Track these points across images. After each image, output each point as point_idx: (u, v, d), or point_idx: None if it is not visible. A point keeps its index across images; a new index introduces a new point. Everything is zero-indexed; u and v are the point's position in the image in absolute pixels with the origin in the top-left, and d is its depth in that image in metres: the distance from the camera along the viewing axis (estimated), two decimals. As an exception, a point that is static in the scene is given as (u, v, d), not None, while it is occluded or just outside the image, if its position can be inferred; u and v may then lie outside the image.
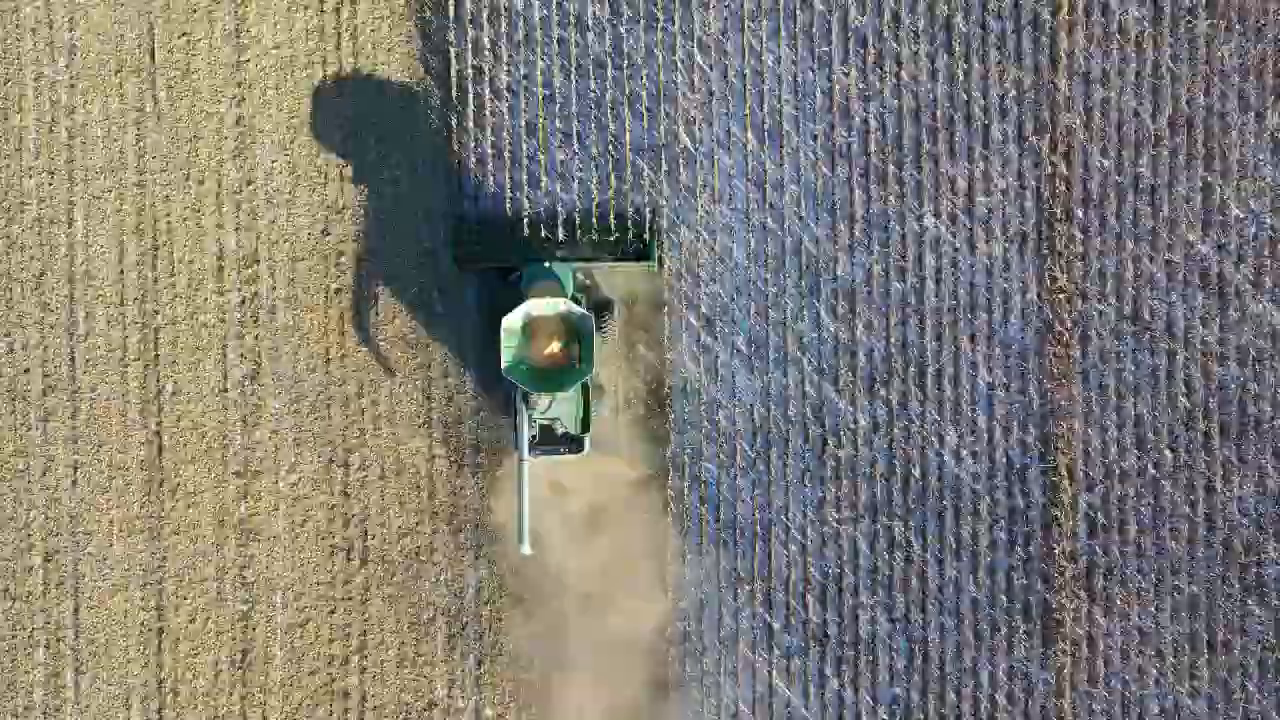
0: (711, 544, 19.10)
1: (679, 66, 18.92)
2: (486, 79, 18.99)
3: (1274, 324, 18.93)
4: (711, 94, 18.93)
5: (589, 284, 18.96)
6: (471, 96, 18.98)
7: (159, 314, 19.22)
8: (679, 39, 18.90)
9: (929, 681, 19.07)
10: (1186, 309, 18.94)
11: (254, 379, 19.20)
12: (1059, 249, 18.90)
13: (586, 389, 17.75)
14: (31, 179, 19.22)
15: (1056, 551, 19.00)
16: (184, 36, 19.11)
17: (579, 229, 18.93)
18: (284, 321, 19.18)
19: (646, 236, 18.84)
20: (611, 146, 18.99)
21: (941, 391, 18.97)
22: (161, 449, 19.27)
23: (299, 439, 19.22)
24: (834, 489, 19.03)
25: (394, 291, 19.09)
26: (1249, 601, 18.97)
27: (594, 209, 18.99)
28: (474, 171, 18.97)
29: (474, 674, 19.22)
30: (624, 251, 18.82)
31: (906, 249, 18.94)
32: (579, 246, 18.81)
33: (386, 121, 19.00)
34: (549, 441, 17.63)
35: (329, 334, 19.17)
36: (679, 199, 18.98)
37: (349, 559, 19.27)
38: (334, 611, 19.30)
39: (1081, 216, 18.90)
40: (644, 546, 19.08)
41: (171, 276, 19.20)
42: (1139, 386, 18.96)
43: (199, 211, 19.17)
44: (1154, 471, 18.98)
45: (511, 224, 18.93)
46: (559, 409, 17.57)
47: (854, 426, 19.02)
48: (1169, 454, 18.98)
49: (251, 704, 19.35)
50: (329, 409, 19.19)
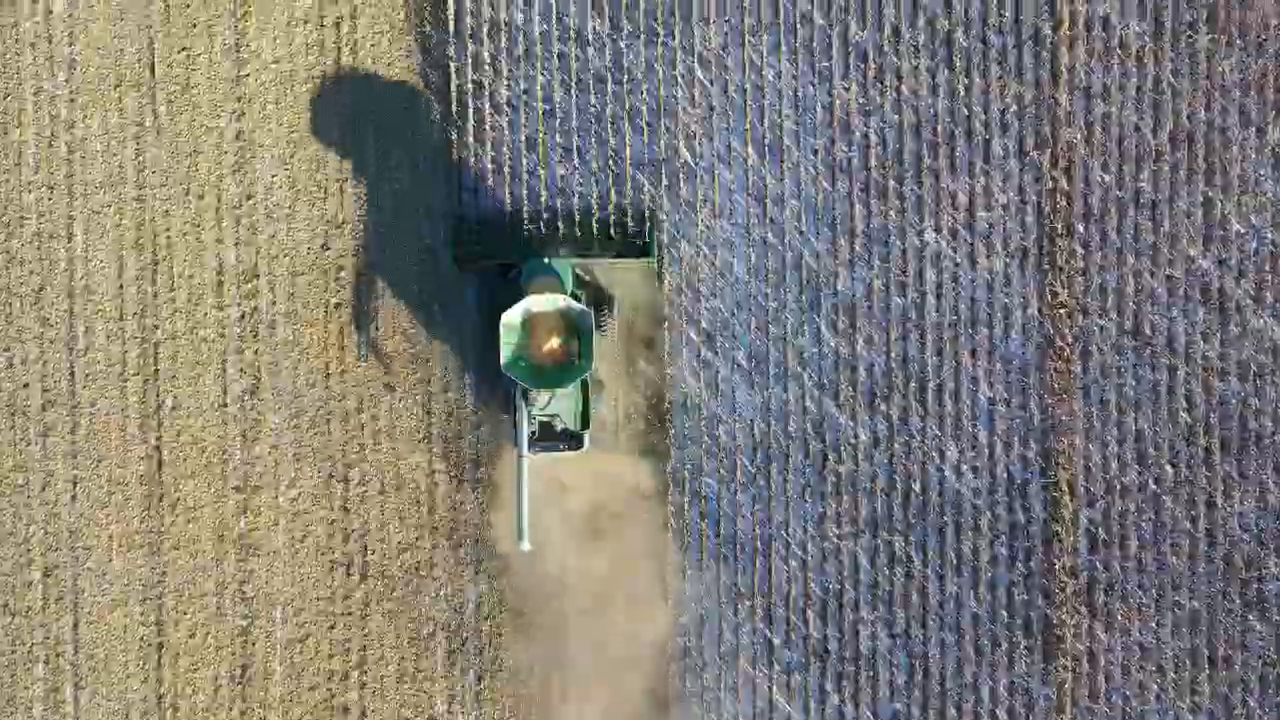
0: (712, 559, 19.07)
1: (679, 81, 18.89)
2: (486, 94, 18.97)
3: (1275, 339, 18.90)
4: (712, 109, 18.91)
5: (589, 280, 18.94)
6: (471, 111, 18.95)
7: (159, 329, 19.19)
8: (679, 54, 18.87)
9: (929, 697, 19.04)
10: (1187, 324, 18.92)
11: (254, 394, 19.17)
12: (1060, 264, 18.88)
13: (586, 385, 17.70)
14: (31, 194, 19.18)
15: (1057, 567, 18.97)
16: (184, 51, 19.07)
17: (578, 226, 18.88)
18: (284, 336, 19.15)
19: (646, 232, 18.82)
20: (612, 161, 18.96)
21: (942, 407, 18.94)
22: (161, 464, 19.23)
23: (299, 454, 19.19)
24: (834, 504, 19.00)
25: (394, 301, 19.06)
26: (1250, 617, 18.95)
27: (594, 209, 18.96)
28: (473, 188, 18.94)
29: (474, 689, 19.19)
30: (624, 248, 18.79)
31: (907, 264, 18.91)
32: (578, 243, 18.77)
33: (386, 137, 18.97)
34: (548, 438, 17.58)
35: (329, 349, 19.14)
36: (679, 214, 18.95)
37: (349, 574, 19.24)
38: (334, 627, 19.26)
39: (1082, 231, 18.87)
40: (644, 561, 19.05)
41: (171, 291, 19.17)
42: (1140, 402, 18.93)
43: (199, 226, 19.14)
44: (1155, 487, 18.95)
45: (511, 222, 18.88)
46: (558, 405, 17.50)
47: (854, 441, 18.99)
48: (1170, 469, 18.95)
49: (251, 719, 19.34)
50: (329, 424, 19.16)
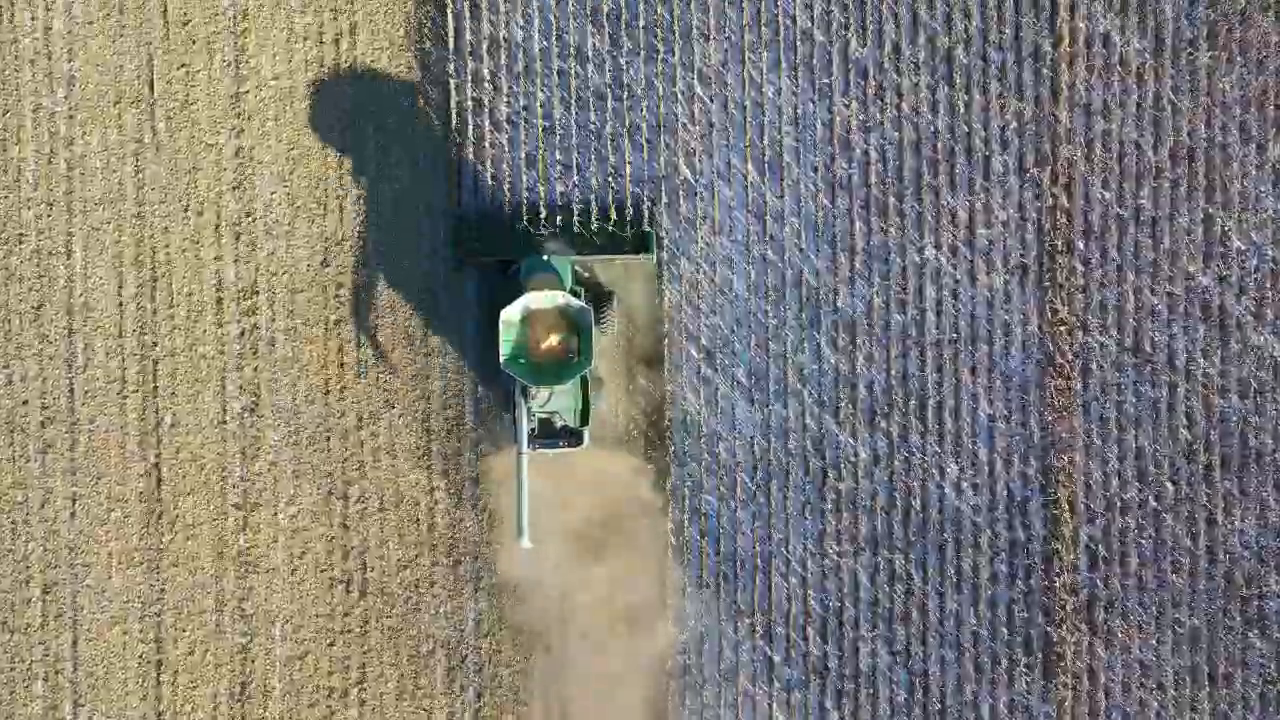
0: (712, 577, 19.04)
1: (679, 98, 18.87)
2: (486, 110, 18.94)
3: (1275, 356, 18.89)
4: (712, 126, 18.88)
5: (588, 277, 18.90)
6: (471, 128, 18.93)
7: (158, 346, 19.16)
8: (679, 71, 18.85)
9: (929, 715, 19.02)
10: (1188, 341, 18.90)
11: (253, 411, 19.14)
12: (1060, 281, 18.86)
13: (585, 382, 17.69)
14: (30, 210, 19.15)
15: (1057, 584, 18.95)
16: (183, 68, 19.05)
17: (578, 222, 18.84)
18: (283, 353, 19.12)
19: (644, 226, 18.77)
20: (611, 178, 18.94)
21: (942, 424, 18.92)
22: (160, 481, 19.21)
23: (298, 471, 19.16)
24: (834, 521, 18.98)
25: (394, 313, 19.04)
26: (1250, 634, 18.93)
27: (593, 203, 18.92)
28: (472, 204, 18.91)
29: (473, 707, 19.16)
30: (623, 244, 18.74)
31: (907, 281, 18.90)
32: (578, 240, 18.74)
33: (385, 153, 18.94)
34: (548, 435, 17.58)
35: (328, 365, 19.12)
36: (679, 230, 18.93)
37: (348, 591, 19.21)
38: (333, 644, 19.24)
39: (1082, 248, 18.85)
40: (644, 578, 19.02)
41: (170, 308, 19.14)
42: (1140, 419, 18.91)
43: (198, 243, 19.11)
44: (1155, 504, 18.94)
45: (510, 220, 18.84)
46: (558, 402, 17.50)
47: (854, 459, 18.97)
48: (1170, 486, 18.93)
49: (250, 736, 19.36)
50: (328, 441, 19.13)
